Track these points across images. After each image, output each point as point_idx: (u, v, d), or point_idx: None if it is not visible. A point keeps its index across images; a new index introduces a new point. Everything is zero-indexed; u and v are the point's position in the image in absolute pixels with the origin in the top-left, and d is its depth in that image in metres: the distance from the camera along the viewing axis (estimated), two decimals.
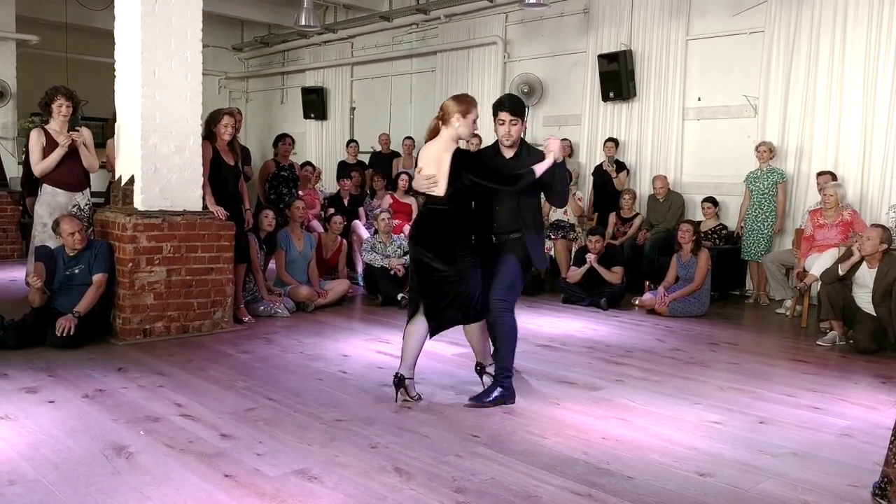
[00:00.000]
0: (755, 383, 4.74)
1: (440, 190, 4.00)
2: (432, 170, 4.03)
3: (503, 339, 4.18)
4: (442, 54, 11.28)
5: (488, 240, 4.26)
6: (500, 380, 4.16)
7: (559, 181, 4.23)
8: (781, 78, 7.93)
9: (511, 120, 4.20)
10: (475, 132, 4.22)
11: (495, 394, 4.11)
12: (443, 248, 4.00)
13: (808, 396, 4.48)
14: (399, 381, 4.11)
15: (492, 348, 4.30)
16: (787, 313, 7.16)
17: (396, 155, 10.92)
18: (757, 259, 7.69)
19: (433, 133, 4.15)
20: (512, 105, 4.26)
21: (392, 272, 7.28)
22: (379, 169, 10.20)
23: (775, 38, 7.96)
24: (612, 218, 8.60)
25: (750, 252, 7.73)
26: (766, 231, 7.65)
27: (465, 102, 4.08)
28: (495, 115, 4.26)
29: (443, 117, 4.07)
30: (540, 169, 4.05)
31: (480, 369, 4.36)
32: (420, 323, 4.09)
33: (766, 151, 7.67)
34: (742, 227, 7.86)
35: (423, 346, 4.16)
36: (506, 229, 4.21)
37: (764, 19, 8.08)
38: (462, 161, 4.01)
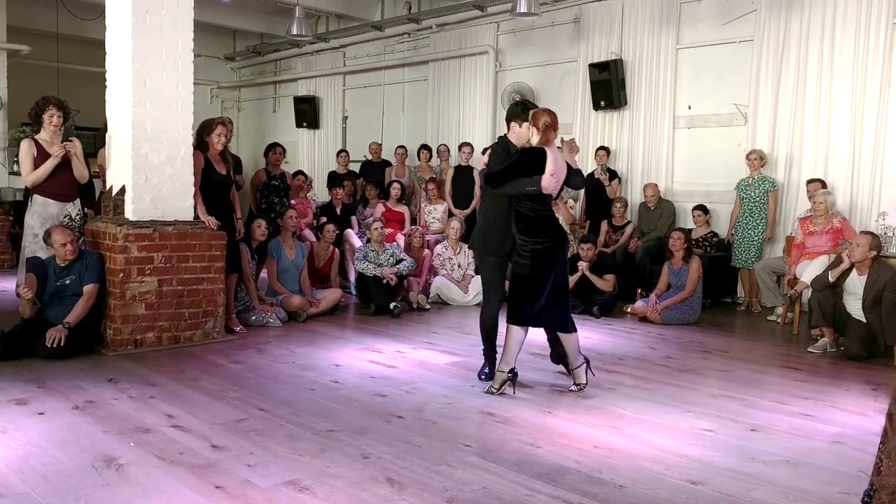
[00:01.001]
0: (746, 391, 4.75)
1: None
2: (561, 175, 4.49)
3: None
4: (434, 63, 11.32)
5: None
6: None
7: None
8: (771, 86, 7.98)
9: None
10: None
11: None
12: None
13: (799, 404, 4.49)
14: (514, 376, 4.48)
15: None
16: (779, 320, 7.19)
17: (387, 164, 10.92)
18: (748, 266, 7.73)
19: (546, 145, 4.43)
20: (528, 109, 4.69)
21: (385, 281, 7.27)
22: (370, 178, 10.21)
23: (764, 47, 8.03)
24: (604, 226, 8.63)
25: (740, 259, 7.77)
26: (756, 238, 7.69)
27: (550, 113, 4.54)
28: (524, 118, 4.66)
29: (551, 128, 4.43)
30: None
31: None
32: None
33: (757, 159, 7.72)
34: (733, 235, 7.90)
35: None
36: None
37: (753, 28, 8.14)
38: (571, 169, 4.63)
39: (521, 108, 4.69)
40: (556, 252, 4.48)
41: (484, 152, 5.01)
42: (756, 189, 7.71)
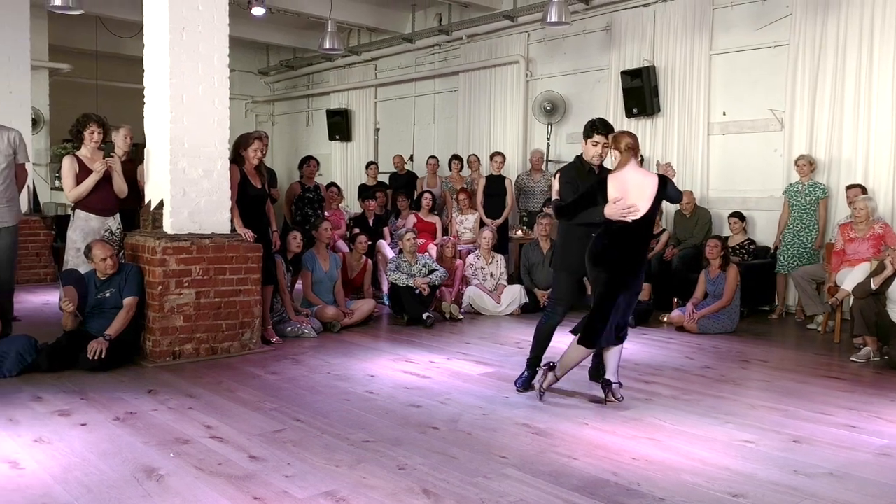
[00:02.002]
0: (788, 401, 4.66)
1: (640, 214, 4.37)
2: (633, 198, 4.35)
3: None
4: (464, 74, 11.36)
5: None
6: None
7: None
8: (808, 91, 7.86)
9: (605, 143, 4.66)
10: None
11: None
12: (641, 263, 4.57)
13: (843, 414, 4.39)
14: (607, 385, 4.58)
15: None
16: (819, 329, 7.05)
17: (412, 175, 10.99)
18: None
19: (627, 163, 4.45)
20: (604, 127, 4.72)
21: (417, 291, 7.29)
22: (396, 189, 10.28)
23: (801, 51, 7.91)
24: None
25: (788, 266, 7.59)
26: (808, 245, 7.52)
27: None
28: (589, 136, 4.71)
29: (635, 149, 4.49)
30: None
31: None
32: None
33: (806, 165, 7.56)
34: (780, 241, 7.75)
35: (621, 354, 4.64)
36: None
37: (788, 33, 8.03)
38: (668, 184, 4.50)
39: (589, 127, 4.77)
40: (622, 276, 4.44)
41: (554, 175, 5.14)
42: (807, 196, 7.56)
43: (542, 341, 4.89)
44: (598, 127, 4.70)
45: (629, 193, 4.36)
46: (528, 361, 4.92)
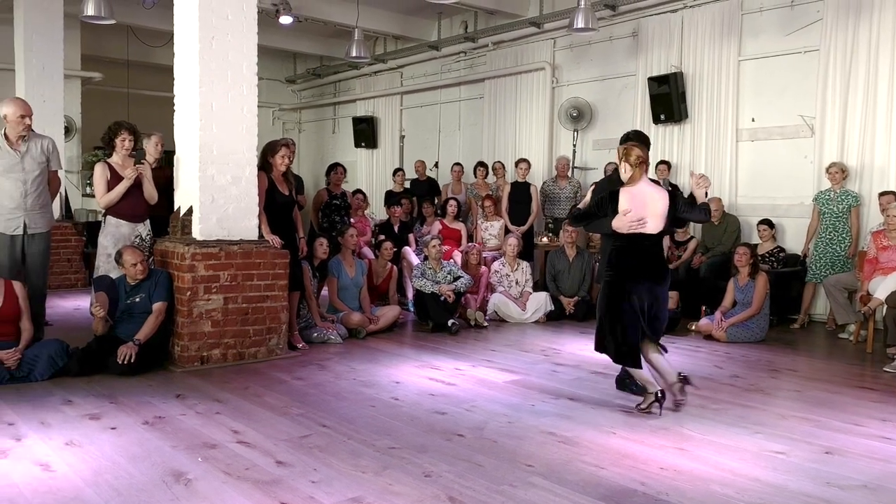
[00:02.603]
0: (819, 411, 4.58)
1: (653, 228, 4.40)
2: (643, 211, 4.36)
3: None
4: (490, 81, 11.37)
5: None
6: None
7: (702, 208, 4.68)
8: (839, 97, 7.75)
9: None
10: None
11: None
12: (663, 273, 4.55)
13: (876, 426, 4.30)
14: (659, 395, 4.46)
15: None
16: (851, 338, 6.93)
17: (433, 181, 11.01)
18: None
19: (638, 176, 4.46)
20: (639, 139, 4.72)
21: (442, 298, 7.29)
22: (416, 195, 10.33)
23: (831, 57, 7.80)
24: (667, 241, 8.46)
25: (819, 275, 7.47)
26: (841, 253, 7.40)
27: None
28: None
29: (640, 164, 4.45)
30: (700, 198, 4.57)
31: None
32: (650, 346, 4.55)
33: (838, 172, 7.45)
34: (809, 249, 7.63)
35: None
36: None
37: (819, 37, 7.93)
38: (678, 201, 4.49)
39: (623, 139, 4.79)
40: (622, 285, 4.43)
41: (591, 187, 5.26)
42: (839, 203, 7.44)
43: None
44: (630, 139, 4.70)
45: (641, 208, 4.37)
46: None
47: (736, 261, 7.01)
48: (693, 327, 7.23)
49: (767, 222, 7.97)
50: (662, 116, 9.07)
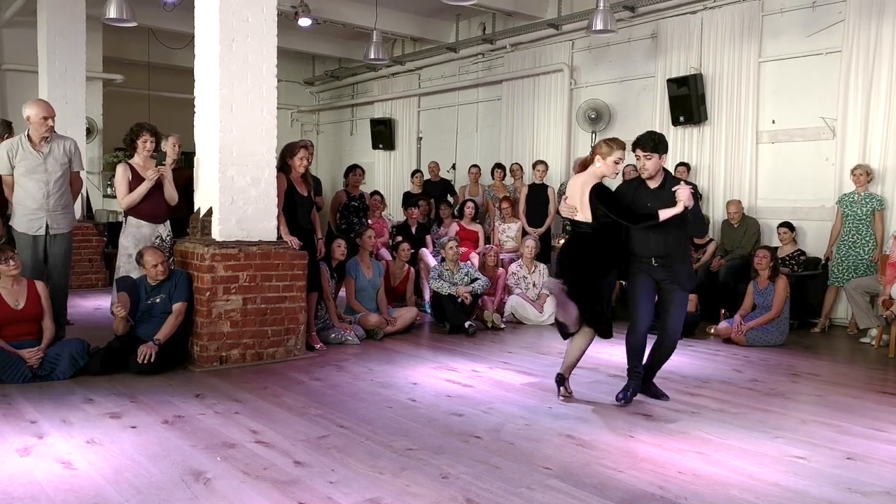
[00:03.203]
0: (840, 416, 4.53)
1: (583, 216, 4.57)
2: (576, 200, 4.58)
3: (667, 359, 4.93)
4: (508, 83, 11.36)
5: (626, 261, 4.75)
6: (637, 386, 4.83)
7: (695, 218, 4.66)
8: (861, 99, 7.67)
9: (645, 155, 4.58)
10: (618, 172, 4.74)
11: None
12: (585, 265, 4.62)
13: None
14: (559, 379, 4.80)
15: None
16: (873, 343, 6.85)
17: (447, 182, 11.02)
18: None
19: (583, 167, 4.71)
20: (642, 141, 4.63)
21: (459, 300, 7.29)
22: (430, 196, 10.36)
23: (854, 58, 7.72)
24: None
25: (841, 279, 7.39)
26: (864, 257, 7.31)
27: (609, 145, 4.59)
28: (634, 151, 4.67)
29: (593, 155, 4.63)
30: (665, 214, 4.47)
31: (561, 379, 4.84)
32: (582, 334, 4.69)
33: (863, 175, 7.36)
34: (832, 252, 7.56)
35: (583, 354, 4.79)
36: (653, 254, 4.63)
37: (841, 39, 7.85)
38: (599, 197, 4.52)
39: (633, 141, 4.81)
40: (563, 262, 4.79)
41: None
42: (863, 206, 7.36)
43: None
44: (637, 141, 4.68)
45: (573, 197, 4.63)
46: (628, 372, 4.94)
47: (756, 264, 6.95)
48: (712, 331, 7.18)
49: (788, 225, 7.90)
50: (682, 118, 9.02)
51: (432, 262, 8.47)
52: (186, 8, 6.31)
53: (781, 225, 7.94)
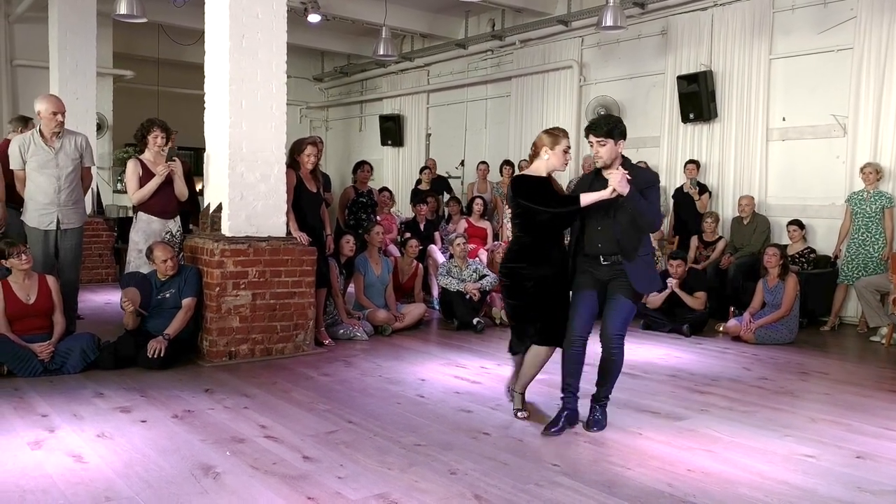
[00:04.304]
0: (850, 415, 4.51)
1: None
2: None
3: (615, 373, 4.20)
4: (517, 79, 11.34)
5: (570, 264, 4.19)
6: (604, 406, 4.25)
7: (641, 214, 3.98)
8: (873, 96, 7.62)
9: (598, 141, 4.00)
10: (568, 162, 4.29)
11: (598, 417, 4.19)
12: (514, 273, 4.16)
13: None
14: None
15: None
16: (883, 342, 6.81)
17: (442, 179, 11.08)
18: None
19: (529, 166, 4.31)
20: (594, 126, 4.07)
21: (468, 296, 7.29)
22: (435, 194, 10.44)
23: (865, 55, 7.67)
24: (695, 241, 8.40)
25: (851, 277, 7.35)
26: (874, 255, 7.27)
27: (553, 135, 4.17)
28: (587, 137, 4.09)
29: (535, 151, 4.20)
30: (587, 199, 3.97)
31: (512, 391, 4.46)
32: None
33: (872, 173, 7.31)
34: (841, 250, 7.51)
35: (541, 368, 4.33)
36: (600, 251, 4.05)
37: (853, 36, 7.80)
38: (515, 188, 4.10)
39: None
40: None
41: None
42: (871, 204, 7.32)
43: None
44: (590, 126, 4.11)
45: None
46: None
47: (765, 261, 6.92)
48: (721, 328, 7.16)
49: (798, 223, 7.86)
50: (692, 115, 8.99)
51: (440, 258, 8.47)
52: (196, 4, 6.33)
53: (791, 223, 7.91)
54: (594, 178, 4.18)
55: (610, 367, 4.17)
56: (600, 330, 4.13)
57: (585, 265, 4.12)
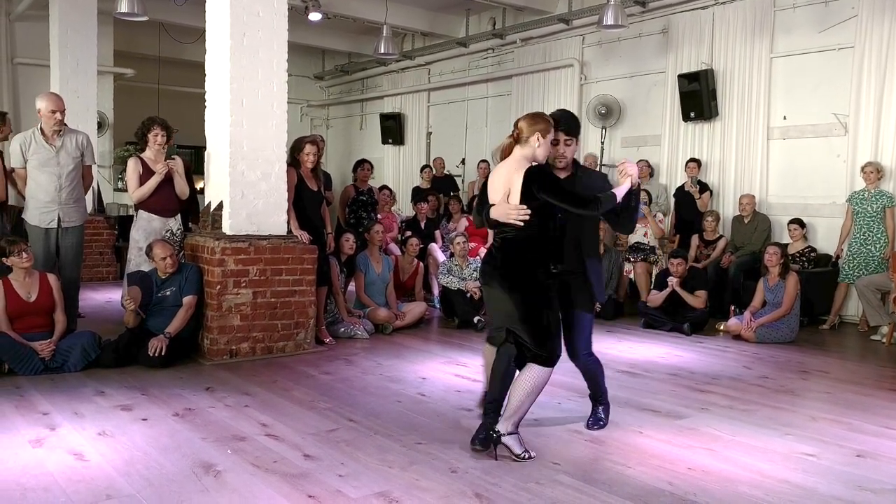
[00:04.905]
0: (851, 414, 4.51)
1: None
2: (499, 195, 3.66)
3: (600, 375, 4.20)
4: (518, 78, 11.33)
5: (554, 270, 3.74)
6: (606, 406, 4.23)
7: (634, 207, 3.81)
8: (874, 95, 7.61)
9: (566, 140, 3.80)
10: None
11: (600, 415, 4.19)
12: (516, 277, 3.62)
13: None
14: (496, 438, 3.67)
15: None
16: (884, 340, 6.81)
17: (450, 178, 11.05)
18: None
19: (506, 154, 3.73)
20: (567, 124, 3.82)
21: (468, 295, 7.29)
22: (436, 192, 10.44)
23: (866, 54, 7.66)
24: (695, 240, 8.40)
25: (852, 276, 7.34)
26: (876, 254, 7.27)
27: (544, 121, 3.67)
28: (555, 135, 3.77)
29: (517, 137, 3.66)
30: (620, 193, 3.67)
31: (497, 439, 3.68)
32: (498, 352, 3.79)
33: (873, 172, 7.31)
34: (842, 250, 7.51)
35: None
36: (570, 264, 3.81)
37: (854, 34, 7.79)
38: (538, 181, 3.55)
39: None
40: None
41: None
42: (873, 203, 7.31)
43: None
44: (563, 123, 3.81)
45: (495, 191, 3.73)
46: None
47: (766, 260, 6.92)
48: (722, 327, 7.16)
49: (798, 221, 7.86)
50: (693, 114, 8.98)
51: (441, 257, 8.47)
52: (197, 2, 6.32)
53: (792, 221, 7.90)
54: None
55: (593, 374, 4.16)
56: (567, 349, 3.92)
57: (542, 276, 3.66)
